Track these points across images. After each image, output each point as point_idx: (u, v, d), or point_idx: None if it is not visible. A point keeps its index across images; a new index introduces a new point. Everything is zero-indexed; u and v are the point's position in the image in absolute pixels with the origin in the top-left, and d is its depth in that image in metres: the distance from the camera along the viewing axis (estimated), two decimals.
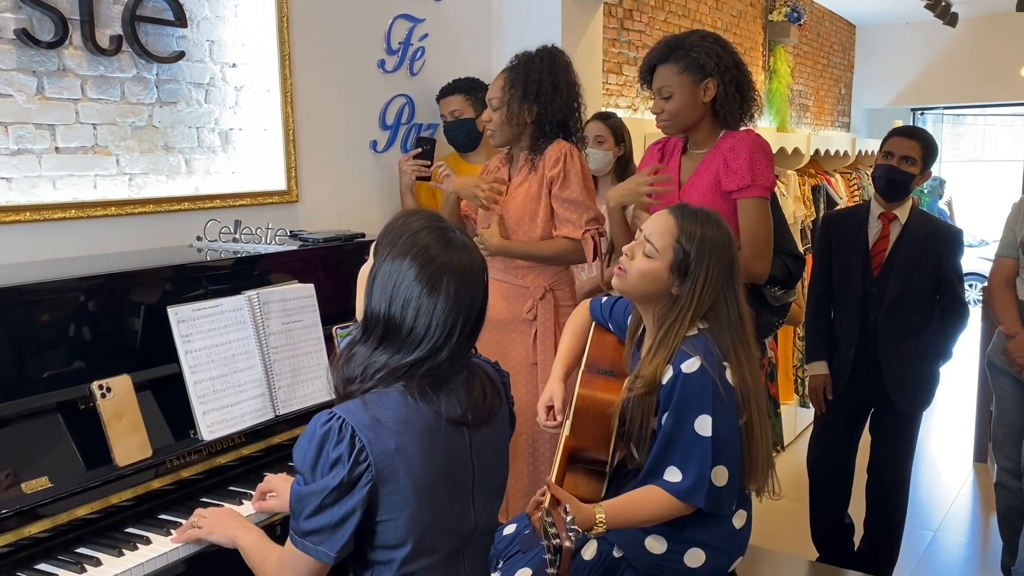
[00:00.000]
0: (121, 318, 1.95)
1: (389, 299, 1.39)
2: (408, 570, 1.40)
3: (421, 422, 1.38)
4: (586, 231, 2.54)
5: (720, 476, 1.75)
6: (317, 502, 1.33)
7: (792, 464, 4.22)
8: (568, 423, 1.99)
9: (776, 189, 4.67)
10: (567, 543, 1.50)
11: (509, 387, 1.63)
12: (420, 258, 1.38)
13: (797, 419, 5.16)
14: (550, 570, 1.51)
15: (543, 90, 2.54)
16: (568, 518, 1.56)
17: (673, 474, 1.76)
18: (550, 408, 2.11)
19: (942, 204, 9.06)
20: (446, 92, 3.19)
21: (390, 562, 1.40)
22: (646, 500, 1.77)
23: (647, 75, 2.43)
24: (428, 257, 1.38)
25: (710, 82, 2.34)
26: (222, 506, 1.81)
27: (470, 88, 3.16)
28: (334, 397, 1.45)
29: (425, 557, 1.41)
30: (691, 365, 1.76)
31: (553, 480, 1.87)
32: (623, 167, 3.36)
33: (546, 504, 1.65)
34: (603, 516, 1.72)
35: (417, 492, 1.37)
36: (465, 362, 1.47)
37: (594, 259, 2.60)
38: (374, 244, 1.45)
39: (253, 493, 1.87)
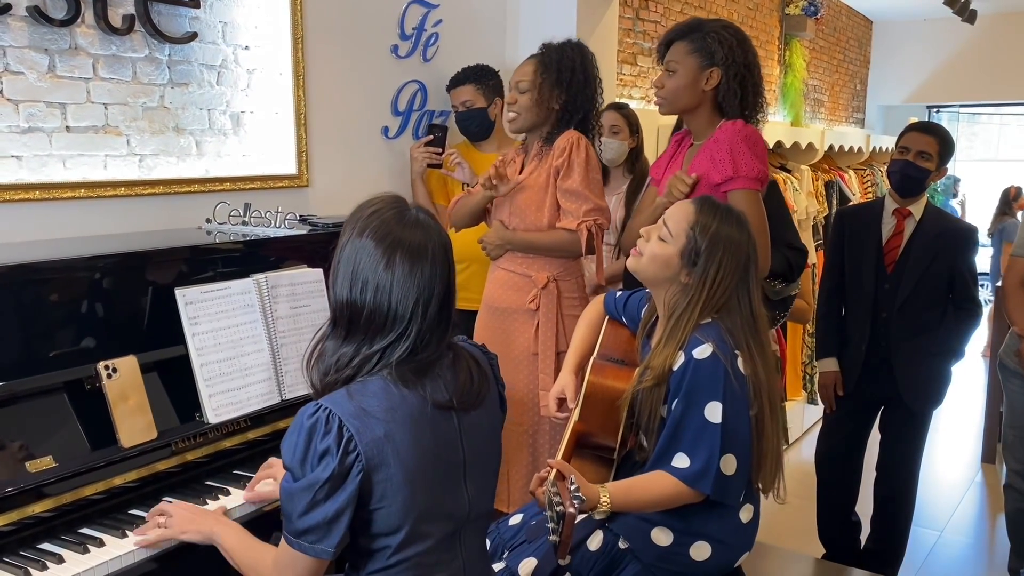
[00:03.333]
0: (129, 299, 1.94)
1: (350, 282, 1.38)
2: (404, 555, 1.39)
3: (407, 408, 1.37)
4: (582, 222, 2.51)
5: (729, 464, 1.74)
6: (309, 497, 1.31)
7: (800, 461, 4.20)
8: (577, 408, 1.99)
9: (788, 183, 4.67)
10: (571, 509, 1.50)
11: (498, 369, 1.61)
12: (376, 233, 1.38)
13: (804, 415, 5.14)
14: (552, 537, 1.52)
15: (575, 79, 2.53)
16: (573, 487, 1.56)
17: (681, 460, 1.76)
18: (562, 400, 2.10)
19: (955, 203, 9.00)
20: (456, 82, 3.17)
21: (385, 549, 1.39)
22: (653, 484, 1.77)
23: (663, 48, 2.41)
24: (383, 232, 1.38)
25: (715, 71, 2.31)
26: (205, 498, 1.81)
27: (480, 77, 3.14)
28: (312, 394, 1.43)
29: (420, 542, 1.40)
30: (703, 351, 1.75)
31: (559, 458, 1.87)
32: (635, 158, 3.34)
33: (551, 477, 1.65)
34: (608, 497, 1.73)
35: (408, 478, 1.36)
36: (447, 344, 1.46)
37: (588, 252, 2.56)
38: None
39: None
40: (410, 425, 1.36)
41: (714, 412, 1.73)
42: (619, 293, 2.17)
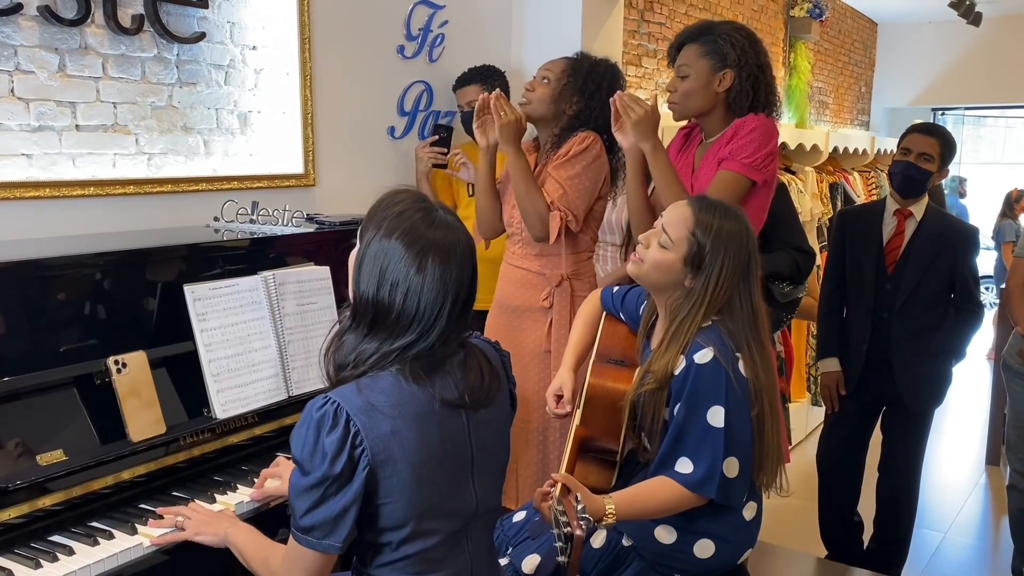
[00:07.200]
0: (138, 295, 1.96)
1: (377, 282, 1.38)
2: (410, 550, 1.40)
3: (415, 405, 1.37)
4: (558, 208, 2.50)
5: (731, 468, 1.74)
6: (318, 494, 1.32)
7: (802, 461, 4.20)
8: (579, 412, 1.98)
9: (793, 185, 4.68)
10: (578, 531, 1.49)
11: (509, 367, 1.61)
12: (406, 237, 1.37)
13: (808, 416, 5.14)
14: (561, 558, 1.50)
15: (599, 93, 2.52)
16: (579, 507, 1.55)
17: (684, 465, 1.75)
18: (559, 397, 2.11)
19: (964, 202, 8.99)
20: (462, 82, 3.19)
21: (391, 544, 1.40)
22: (657, 491, 1.76)
23: (674, 52, 2.41)
24: (414, 236, 1.38)
25: (728, 73, 2.31)
26: (213, 493, 1.83)
27: (486, 77, 3.15)
28: (326, 385, 1.44)
29: (426, 538, 1.41)
30: (704, 356, 1.74)
31: (564, 469, 1.86)
32: None
33: (557, 493, 1.64)
34: (613, 508, 1.70)
35: (414, 475, 1.36)
36: (459, 343, 1.46)
37: (551, 239, 2.52)
38: (360, 228, 1.45)
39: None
40: (417, 422, 1.37)
41: (716, 416, 1.72)
42: (616, 288, 2.15)
